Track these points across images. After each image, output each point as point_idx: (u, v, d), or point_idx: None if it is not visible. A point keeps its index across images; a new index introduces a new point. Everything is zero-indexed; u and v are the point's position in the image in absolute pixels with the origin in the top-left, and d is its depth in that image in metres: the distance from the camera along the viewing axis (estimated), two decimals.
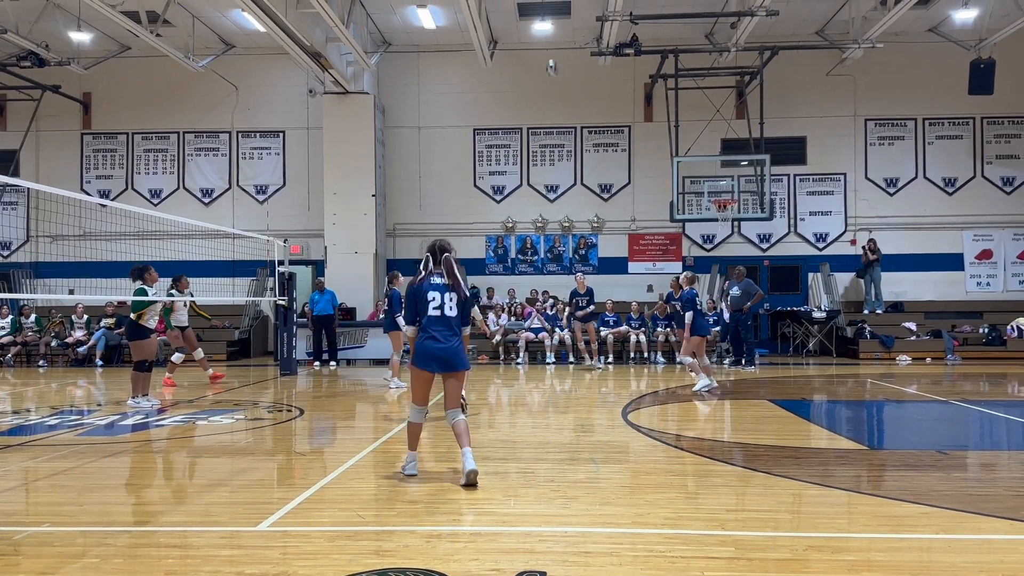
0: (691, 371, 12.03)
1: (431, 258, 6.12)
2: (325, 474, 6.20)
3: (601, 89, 20.21)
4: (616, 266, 20.25)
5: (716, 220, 18.12)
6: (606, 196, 20.48)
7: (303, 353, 16.88)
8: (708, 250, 20.35)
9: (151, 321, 10.31)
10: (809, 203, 20.28)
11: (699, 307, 11.66)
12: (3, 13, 16.73)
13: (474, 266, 20.31)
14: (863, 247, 19.20)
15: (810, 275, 20.19)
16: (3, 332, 17.72)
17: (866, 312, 18.99)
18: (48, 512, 5.21)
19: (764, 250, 20.29)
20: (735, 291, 15.43)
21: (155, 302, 10.40)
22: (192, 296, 13.34)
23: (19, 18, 17.12)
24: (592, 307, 15.55)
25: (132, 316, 10.24)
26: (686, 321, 11.56)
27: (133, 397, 10.24)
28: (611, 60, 18.66)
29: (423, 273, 6.11)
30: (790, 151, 19.88)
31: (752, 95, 18.47)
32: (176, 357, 13.15)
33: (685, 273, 12.16)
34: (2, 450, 7.39)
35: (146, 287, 10.33)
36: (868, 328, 18.08)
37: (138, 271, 10.45)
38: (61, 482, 6.13)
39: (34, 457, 7.15)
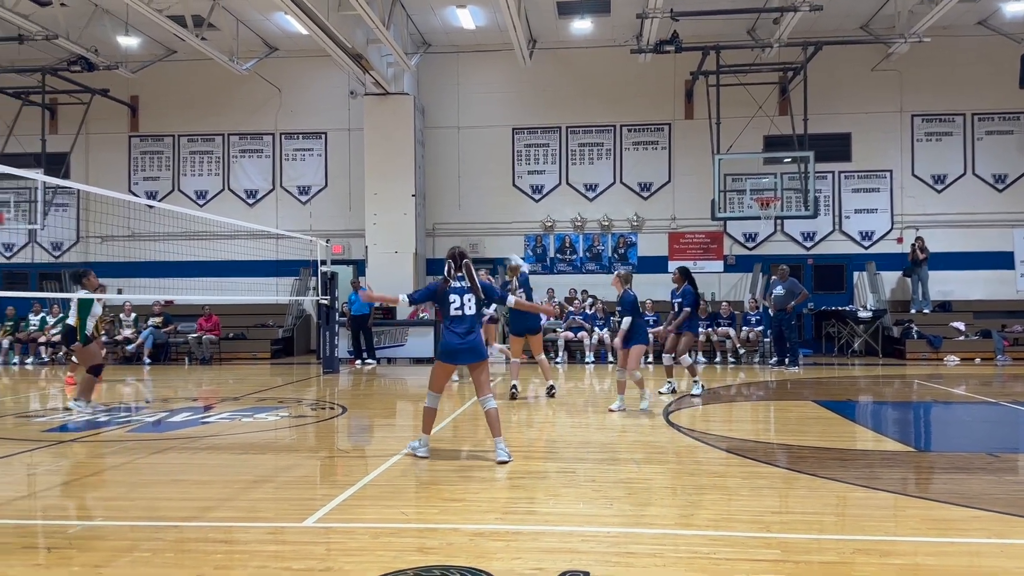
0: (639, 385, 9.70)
1: (453, 264, 6.80)
2: (368, 471, 6.26)
3: (641, 87, 20.10)
4: (656, 265, 20.12)
5: (759, 218, 17.91)
6: (646, 195, 20.36)
7: (345, 352, 17.06)
8: (750, 248, 20.12)
9: (90, 325, 9.87)
10: (854, 200, 19.94)
11: (641, 312, 9.90)
12: (54, 19, 17.16)
13: None
14: (912, 245, 18.81)
15: (855, 274, 19.84)
16: (54, 332, 18.16)
17: (913, 312, 18.61)
18: (100, 507, 5.34)
19: (808, 248, 20.00)
20: (779, 290, 15.22)
21: (85, 306, 9.86)
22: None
23: (69, 23, 17.54)
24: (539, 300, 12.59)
25: (72, 322, 9.79)
26: (622, 327, 9.34)
27: (76, 400, 9.73)
28: (651, 57, 18.53)
29: (447, 278, 6.78)
30: (835, 148, 19.56)
31: (795, 91, 18.20)
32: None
33: (619, 271, 9.59)
34: (55, 446, 7.59)
35: (88, 291, 9.88)
36: (915, 328, 17.71)
37: (77, 275, 10.08)
38: (112, 477, 6.29)
39: (86, 453, 7.34)
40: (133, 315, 18.51)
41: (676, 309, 11.50)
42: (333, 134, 21.02)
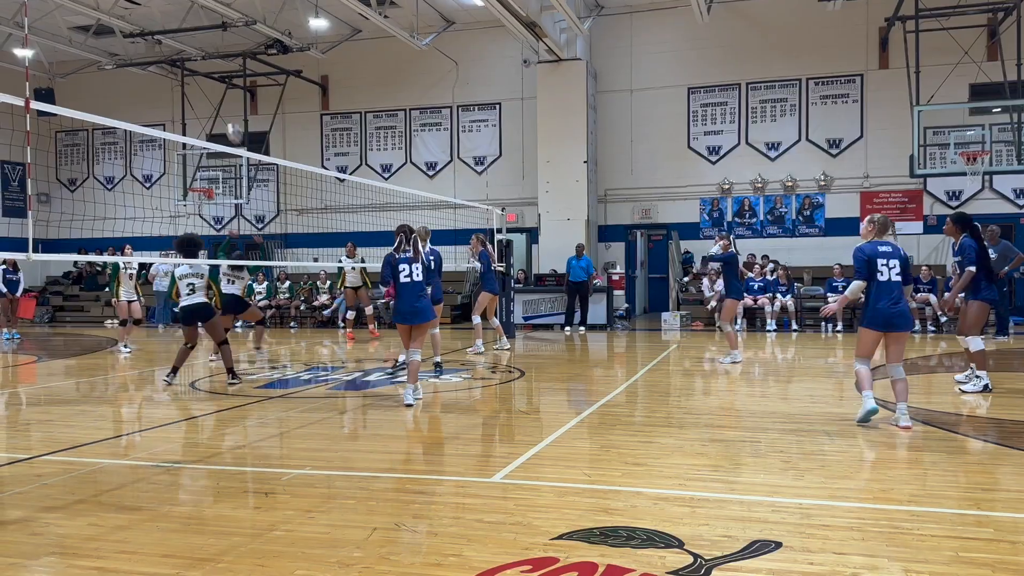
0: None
1: (404, 238, 7.74)
2: (549, 433, 6.39)
3: (829, 37, 18.84)
4: (846, 227, 18.92)
5: (964, 174, 16.35)
6: (834, 152, 19.17)
7: (520, 317, 17.42)
8: (954, 208, 18.42)
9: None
10: None
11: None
12: (252, 5, 18.47)
13: (687, 230, 19.87)
14: None
15: None
16: (260, 297, 19.79)
17: None
18: (307, 457, 5.79)
19: (1022, 207, 18.11)
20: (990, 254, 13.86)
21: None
22: (363, 262, 15.22)
23: (265, 9, 18.83)
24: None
25: (205, 299, 9.09)
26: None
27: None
28: (841, 4, 17.33)
29: (397, 250, 7.69)
30: None
31: (1007, 33, 16.40)
32: (369, 310, 15.20)
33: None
34: (263, 401, 8.30)
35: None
36: None
37: (187, 244, 9.11)
38: (317, 431, 6.80)
39: (291, 408, 7.97)
40: (328, 282, 19.77)
41: (957, 271, 8.96)
42: (507, 104, 21.31)
